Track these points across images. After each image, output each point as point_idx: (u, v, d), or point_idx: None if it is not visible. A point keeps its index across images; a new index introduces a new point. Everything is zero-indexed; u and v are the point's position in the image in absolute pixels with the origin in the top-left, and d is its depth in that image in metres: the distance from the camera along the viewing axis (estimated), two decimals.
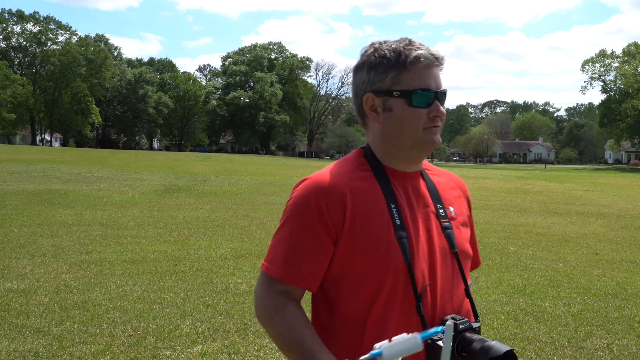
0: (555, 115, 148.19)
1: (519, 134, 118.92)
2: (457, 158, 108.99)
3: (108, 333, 4.53)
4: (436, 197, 1.41)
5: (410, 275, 1.27)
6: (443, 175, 1.51)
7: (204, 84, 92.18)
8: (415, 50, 1.32)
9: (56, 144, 78.61)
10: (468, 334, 1.18)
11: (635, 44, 71.78)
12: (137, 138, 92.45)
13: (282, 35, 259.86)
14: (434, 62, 1.32)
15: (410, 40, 1.36)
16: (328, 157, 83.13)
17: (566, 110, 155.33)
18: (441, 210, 1.39)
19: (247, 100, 75.66)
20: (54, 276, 6.30)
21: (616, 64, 73.98)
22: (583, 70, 77.17)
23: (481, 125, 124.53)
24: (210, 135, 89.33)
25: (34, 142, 69.89)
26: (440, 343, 1.15)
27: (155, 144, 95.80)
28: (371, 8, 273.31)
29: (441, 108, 1.34)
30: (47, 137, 77.15)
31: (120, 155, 41.50)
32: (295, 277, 1.32)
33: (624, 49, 73.03)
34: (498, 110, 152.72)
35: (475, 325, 1.24)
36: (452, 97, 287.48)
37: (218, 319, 4.95)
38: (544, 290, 6.26)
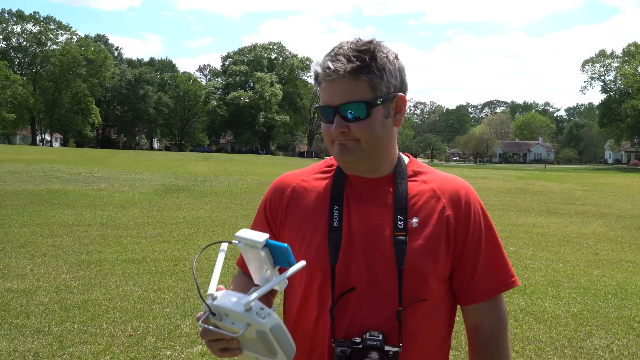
0: (555, 115, 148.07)
1: (518, 134, 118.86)
2: (457, 158, 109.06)
3: (108, 333, 4.53)
4: (400, 207, 1.29)
5: (332, 277, 1.27)
6: (433, 182, 1.35)
7: (204, 84, 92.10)
8: (320, 64, 1.25)
9: (56, 144, 78.60)
10: (373, 353, 1.18)
11: (635, 44, 71.77)
12: (137, 138, 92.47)
13: (283, 35, 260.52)
14: (330, 75, 1.22)
15: (337, 48, 1.25)
16: (328, 157, 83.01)
17: (566, 110, 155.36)
18: (400, 222, 1.27)
19: (247, 100, 75.61)
20: (54, 276, 6.31)
21: (616, 64, 74.04)
22: (583, 71, 77.36)
23: (481, 125, 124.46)
24: (210, 135, 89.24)
25: (34, 142, 69.87)
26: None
27: (155, 144, 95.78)
28: (372, 8, 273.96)
29: (338, 124, 1.23)
30: (47, 137, 77.14)
31: (120, 155, 41.49)
32: (241, 263, 1.47)
33: (623, 49, 73.10)
34: (498, 110, 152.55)
35: (390, 348, 1.20)
36: (452, 97, 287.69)
37: None
38: (544, 290, 6.26)
